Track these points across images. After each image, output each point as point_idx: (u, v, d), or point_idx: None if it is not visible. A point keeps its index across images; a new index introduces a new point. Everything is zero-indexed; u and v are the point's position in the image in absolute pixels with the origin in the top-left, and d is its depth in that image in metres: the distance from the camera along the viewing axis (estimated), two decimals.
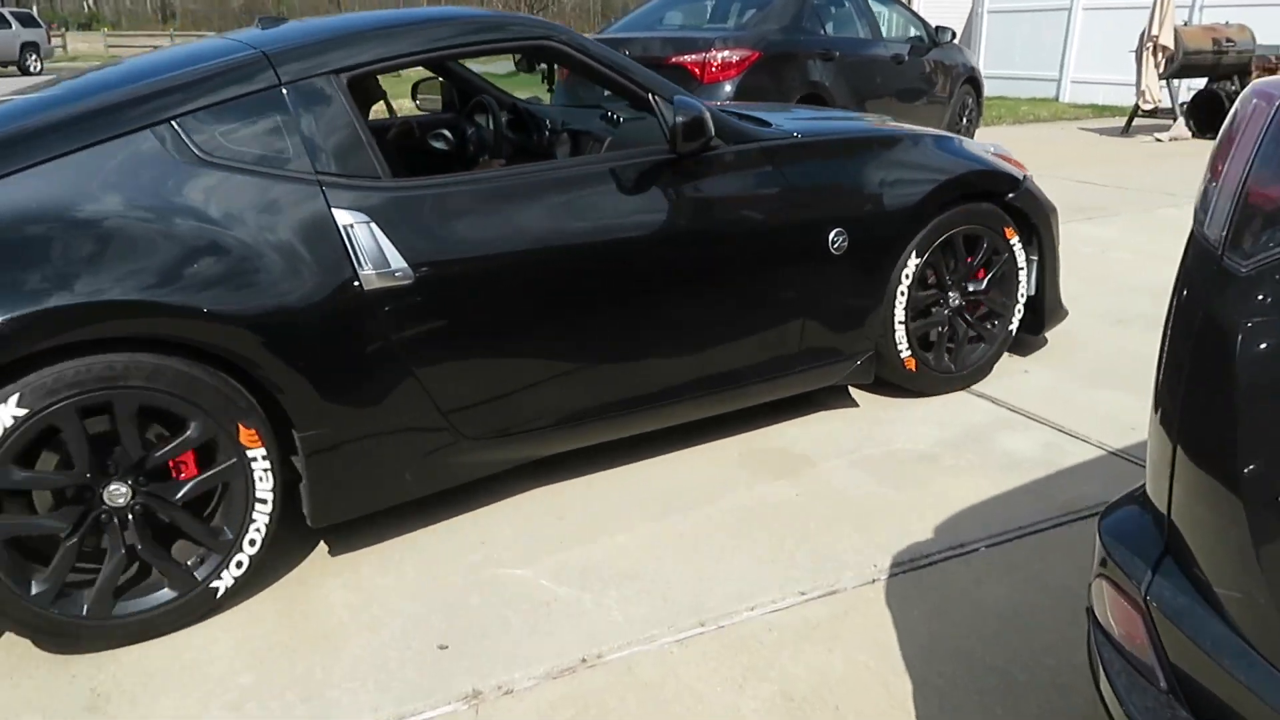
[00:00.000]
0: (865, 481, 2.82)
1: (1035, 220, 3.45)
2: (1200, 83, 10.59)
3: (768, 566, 2.40)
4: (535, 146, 3.52)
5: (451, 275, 2.37)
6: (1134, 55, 10.73)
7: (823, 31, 7.28)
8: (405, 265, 2.30)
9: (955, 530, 2.55)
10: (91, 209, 2.05)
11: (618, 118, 3.33)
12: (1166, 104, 10.78)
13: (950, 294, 3.33)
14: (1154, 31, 10.23)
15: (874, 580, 2.33)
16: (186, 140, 2.19)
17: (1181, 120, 10.42)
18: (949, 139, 3.38)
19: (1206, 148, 9.32)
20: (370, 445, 2.34)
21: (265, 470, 2.21)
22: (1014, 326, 3.53)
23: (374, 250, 2.27)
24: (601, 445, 2.81)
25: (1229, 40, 10.05)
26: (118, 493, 2.07)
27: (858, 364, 3.17)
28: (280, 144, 2.26)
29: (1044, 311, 3.60)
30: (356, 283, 2.25)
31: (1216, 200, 1.16)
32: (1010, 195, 3.34)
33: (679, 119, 2.59)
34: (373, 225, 2.28)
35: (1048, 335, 3.88)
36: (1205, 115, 10.23)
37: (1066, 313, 3.76)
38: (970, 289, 3.37)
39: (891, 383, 3.37)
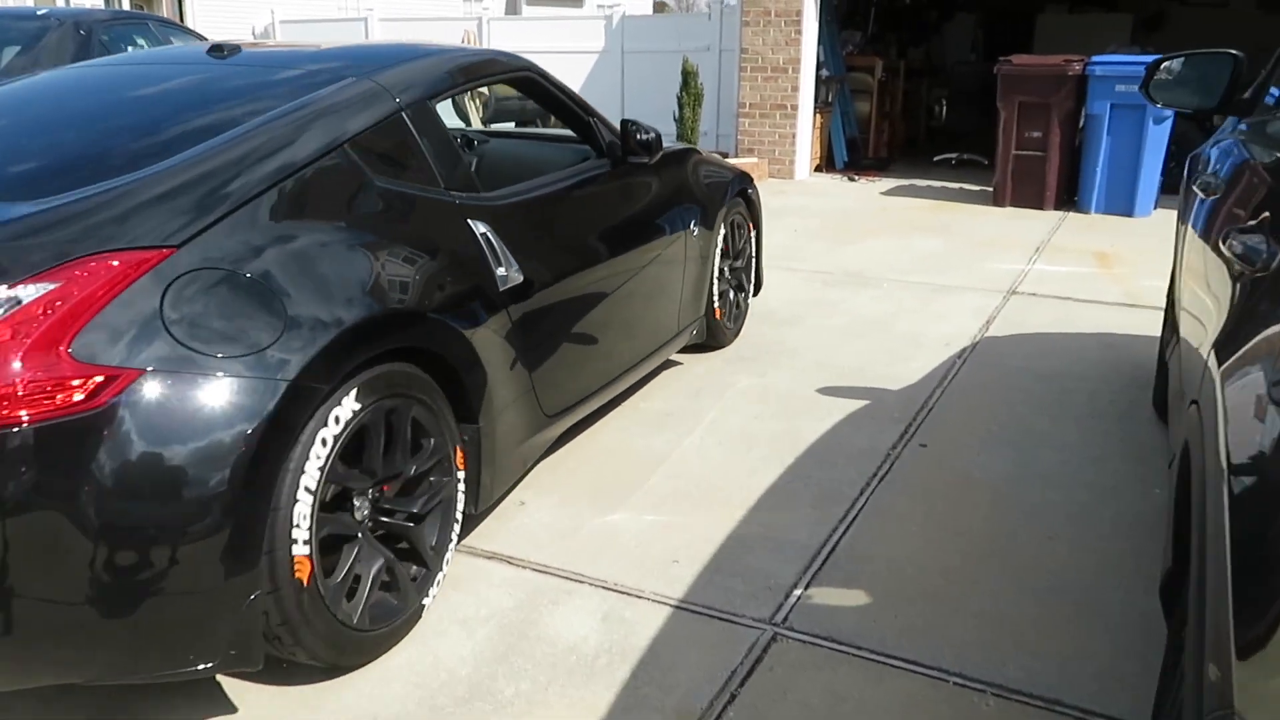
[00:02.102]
0: None
1: (757, 207, 4.65)
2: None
3: None
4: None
5: (538, 271, 2.77)
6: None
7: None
8: (518, 265, 2.66)
9: None
10: (307, 237, 2.10)
11: (474, 141, 4.05)
12: None
13: (727, 263, 4.34)
14: None
15: None
16: (360, 163, 2.31)
17: None
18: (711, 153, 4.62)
19: None
20: (506, 430, 2.62)
21: None
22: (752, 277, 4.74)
23: (503, 253, 2.61)
24: None
25: None
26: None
27: (695, 331, 4.06)
28: (417, 163, 2.50)
29: (760, 276, 4.81)
30: (497, 283, 2.58)
31: None
32: (750, 191, 4.53)
33: (651, 136, 3.38)
34: (493, 232, 2.61)
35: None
36: None
37: (763, 281, 4.92)
38: (734, 259, 4.47)
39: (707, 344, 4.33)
